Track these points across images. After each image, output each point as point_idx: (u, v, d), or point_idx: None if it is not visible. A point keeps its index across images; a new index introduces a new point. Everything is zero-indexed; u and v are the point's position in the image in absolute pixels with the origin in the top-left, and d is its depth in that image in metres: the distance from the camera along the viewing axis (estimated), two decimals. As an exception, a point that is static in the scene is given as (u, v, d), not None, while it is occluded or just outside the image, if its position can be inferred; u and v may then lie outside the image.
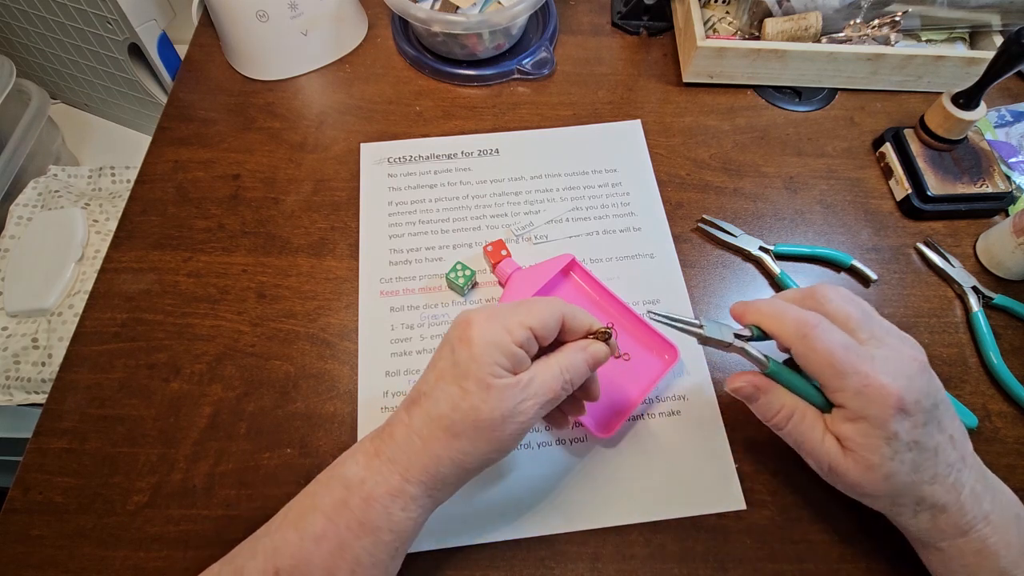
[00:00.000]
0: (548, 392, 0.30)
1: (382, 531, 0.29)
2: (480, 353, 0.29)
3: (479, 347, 0.29)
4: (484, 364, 0.29)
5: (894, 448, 0.29)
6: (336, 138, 0.54)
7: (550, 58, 0.58)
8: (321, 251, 0.48)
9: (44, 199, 0.78)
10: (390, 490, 0.29)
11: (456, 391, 0.29)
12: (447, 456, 0.30)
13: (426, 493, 0.30)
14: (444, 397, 0.30)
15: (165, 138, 0.54)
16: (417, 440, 0.30)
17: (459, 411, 0.29)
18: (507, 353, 0.30)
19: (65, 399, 0.42)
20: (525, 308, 0.31)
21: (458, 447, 0.29)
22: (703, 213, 0.50)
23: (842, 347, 0.30)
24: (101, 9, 0.77)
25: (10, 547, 0.37)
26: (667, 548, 0.37)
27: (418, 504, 0.30)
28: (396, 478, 0.29)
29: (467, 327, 0.30)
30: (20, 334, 0.68)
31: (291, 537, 0.29)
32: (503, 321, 0.30)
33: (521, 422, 0.30)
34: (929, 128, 0.50)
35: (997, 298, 0.46)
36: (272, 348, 0.44)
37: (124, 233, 0.49)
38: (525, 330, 0.30)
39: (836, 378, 0.30)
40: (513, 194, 0.51)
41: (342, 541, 0.28)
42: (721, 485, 0.39)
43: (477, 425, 0.29)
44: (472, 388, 0.29)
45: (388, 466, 0.30)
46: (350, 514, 0.29)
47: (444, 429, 0.29)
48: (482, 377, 0.29)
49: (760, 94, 0.57)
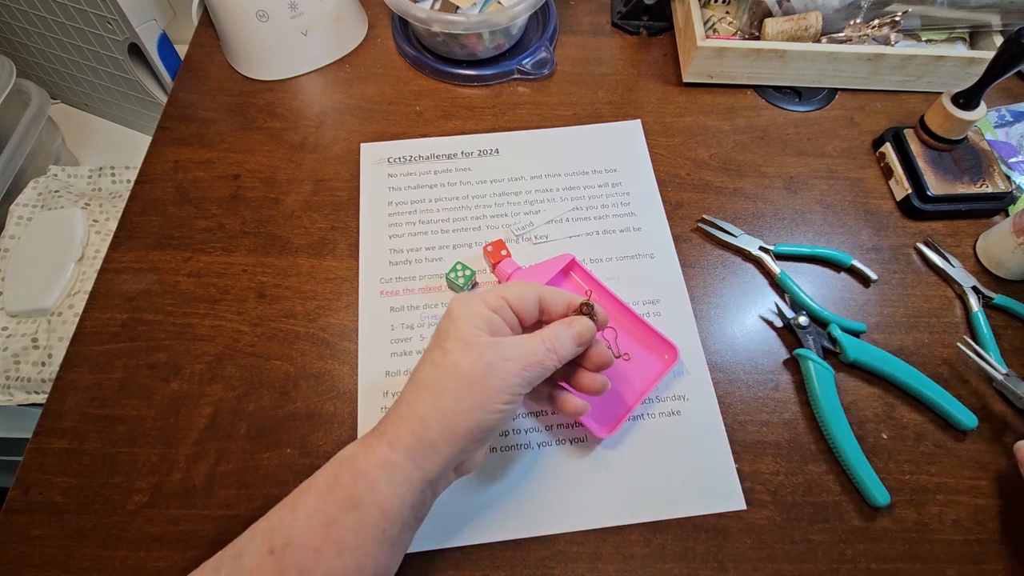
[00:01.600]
0: (529, 355, 0.31)
1: (368, 506, 0.29)
2: (457, 316, 0.32)
3: (456, 313, 0.32)
4: (462, 326, 0.31)
5: None
6: (336, 138, 0.54)
7: (550, 58, 0.58)
8: (321, 251, 0.48)
9: (44, 199, 0.78)
10: (377, 462, 0.29)
11: (437, 352, 0.31)
12: (433, 416, 0.30)
13: (412, 461, 0.30)
14: (427, 360, 0.32)
15: (165, 138, 0.54)
16: (404, 406, 0.31)
17: (440, 367, 0.31)
18: (483, 316, 0.32)
19: (65, 399, 0.42)
20: (504, 285, 0.34)
21: (442, 404, 0.30)
22: (703, 213, 0.50)
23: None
24: (101, 9, 0.77)
25: (10, 547, 0.37)
26: (667, 548, 0.37)
27: (405, 476, 0.29)
28: (383, 448, 0.30)
29: (449, 306, 0.33)
30: (20, 334, 0.68)
31: (286, 516, 0.29)
32: (479, 295, 0.33)
33: (503, 379, 0.30)
34: (929, 128, 0.50)
35: (997, 298, 0.46)
36: (272, 348, 0.44)
37: (124, 233, 0.49)
38: (499, 299, 0.33)
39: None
40: (513, 194, 0.51)
41: (330, 517, 0.28)
42: (721, 485, 0.39)
43: (457, 379, 0.30)
44: (451, 346, 0.31)
45: (377, 439, 0.30)
46: (340, 490, 0.29)
47: (428, 388, 0.31)
48: (460, 335, 0.31)
49: (760, 94, 0.57)
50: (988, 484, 0.39)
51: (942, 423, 0.41)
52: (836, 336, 0.43)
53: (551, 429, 0.41)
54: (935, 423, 0.42)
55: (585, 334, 0.33)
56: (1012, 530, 0.38)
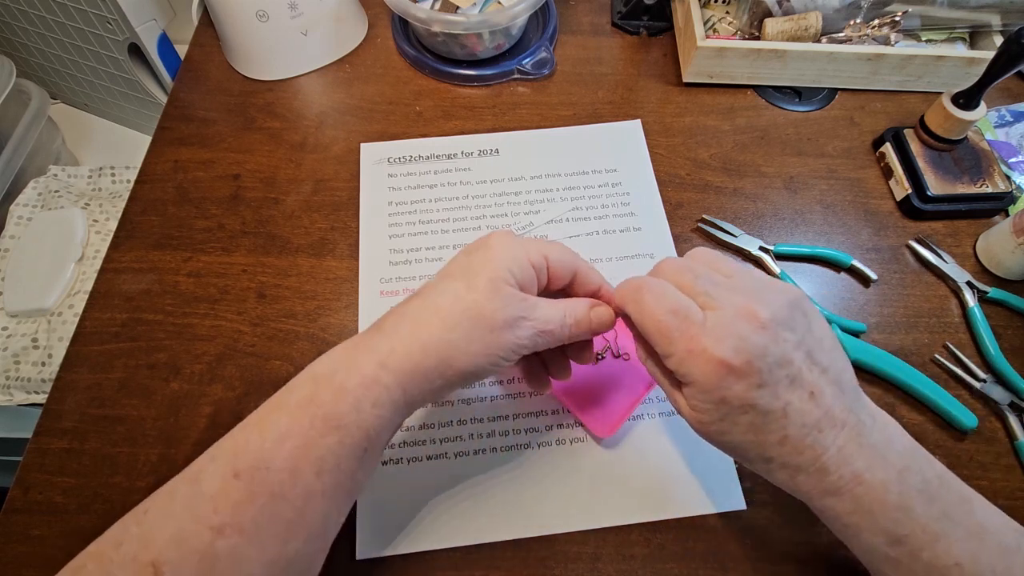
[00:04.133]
0: (548, 323, 0.31)
1: (349, 428, 0.27)
2: (496, 256, 0.30)
3: (496, 252, 0.30)
4: (498, 268, 0.29)
5: (723, 411, 0.28)
6: (336, 138, 0.54)
7: (550, 58, 0.58)
8: (321, 251, 0.48)
9: (44, 199, 0.78)
10: (363, 380, 0.28)
11: (462, 286, 0.29)
12: (434, 347, 0.29)
13: (400, 386, 0.28)
14: (449, 289, 0.29)
15: (165, 138, 0.54)
16: (407, 324, 0.29)
17: (461, 302, 0.29)
18: (522, 266, 0.30)
19: (65, 399, 0.42)
20: (546, 241, 0.32)
21: (449, 339, 0.29)
22: (703, 213, 0.50)
23: (670, 312, 0.28)
24: (101, 9, 0.77)
25: (10, 547, 0.37)
26: (667, 548, 0.37)
27: (391, 398, 0.28)
28: (372, 366, 0.28)
29: (488, 238, 0.31)
30: (20, 334, 0.68)
31: (253, 438, 0.27)
32: (523, 242, 0.31)
33: (517, 337, 0.30)
34: (929, 128, 0.50)
35: (992, 291, 0.46)
36: (272, 348, 0.44)
37: (124, 233, 0.49)
38: (541, 256, 0.31)
39: (664, 344, 0.29)
40: (513, 194, 0.51)
41: (307, 440, 0.27)
42: (721, 485, 0.39)
43: (476, 320, 0.29)
44: (480, 285, 0.29)
45: (365, 355, 0.28)
46: (316, 409, 0.27)
47: (440, 318, 0.29)
48: (493, 278, 0.29)
49: (760, 94, 0.57)
50: (988, 484, 0.39)
51: (942, 423, 0.41)
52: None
53: (551, 429, 0.41)
54: (935, 423, 0.42)
55: (604, 323, 0.33)
56: (1012, 530, 0.38)
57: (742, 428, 0.28)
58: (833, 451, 0.28)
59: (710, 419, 0.29)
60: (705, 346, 0.27)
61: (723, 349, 0.27)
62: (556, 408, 0.41)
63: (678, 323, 0.28)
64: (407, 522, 0.37)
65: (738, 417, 0.28)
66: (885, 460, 0.28)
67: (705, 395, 0.28)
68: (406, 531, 0.37)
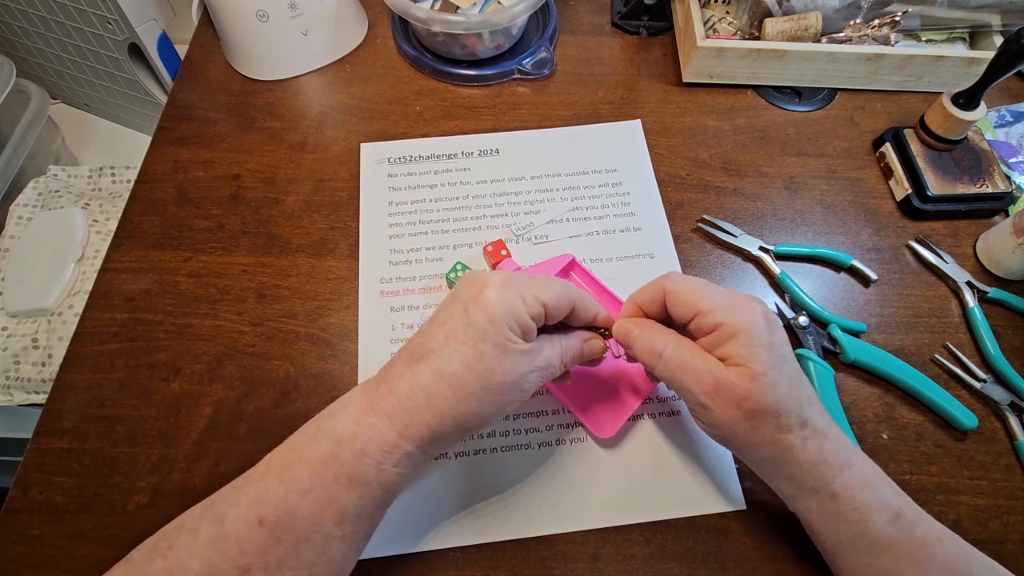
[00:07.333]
0: (549, 365, 0.32)
1: (371, 485, 0.29)
2: (497, 317, 0.29)
3: (497, 311, 0.30)
4: (500, 327, 0.30)
5: (773, 357, 0.30)
6: (336, 138, 0.54)
7: (550, 58, 0.58)
8: (321, 251, 0.48)
9: (44, 199, 0.78)
10: (384, 446, 0.29)
11: (471, 352, 0.29)
12: (451, 416, 0.30)
13: (421, 450, 0.30)
14: (457, 356, 0.29)
15: (165, 138, 0.54)
16: (422, 396, 0.30)
17: (473, 371, 0.29)
18: (521, 322, 0.30)
19: (65, 399, 0.42)
20: (542, 283, 0.32)
21: (465, 408, 0.30)
22: (703, 213, 0.50)
23: (701, 281, 0.33)
24: (101, 9, 0.77)
25: (10, 547, 0.37)
26: (667, 548, 0.37)
27: (412, 461, 0.30)
28: (392, 434, 0.29)
29: (483, 288, 0.30)
30: (20, 334, 0.68)
31: (275, 488, 0.28)
32: (519, 290, 0.31)
33: (524, 390, 0.31)
34: (929, 128, 0.50)
35: (992, 291, 0.46)
36: (272, 348, 0.44)
37: (124, 233, 0.49)
38: (539, 305, 0.31)
39: (705, 301, 0.31)
40: (513, 194, 0.51)
41: (330, 494, 0.28)
42: (721, 485, 0.39)
43: (488, 388, 0.30)
44: (489, 351, 0.29)
45: (384, 422, 0.29)
46: (339, 468, 0.29)
47: (455, 388, 0.29)
48: (500, 341, 0.29)
49: (760, 94, 0.57)
50: (988, 484, 0.39)
51: (942, 423, 0.42)
52: (836, 336, 0.43)
53: (551, 429, 0.41)
54: (935, 423, 0.42)
55: (596, 353, 0.36)
56: (1012, 530, 0.38)
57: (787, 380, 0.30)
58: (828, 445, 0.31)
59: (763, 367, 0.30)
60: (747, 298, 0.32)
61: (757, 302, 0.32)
62: (556, 408, 0.41)
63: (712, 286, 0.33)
64: (407, 522, 0.37)
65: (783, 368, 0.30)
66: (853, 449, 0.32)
67: (756, 339, 0.30)
68: (406, 531, 0.37)
